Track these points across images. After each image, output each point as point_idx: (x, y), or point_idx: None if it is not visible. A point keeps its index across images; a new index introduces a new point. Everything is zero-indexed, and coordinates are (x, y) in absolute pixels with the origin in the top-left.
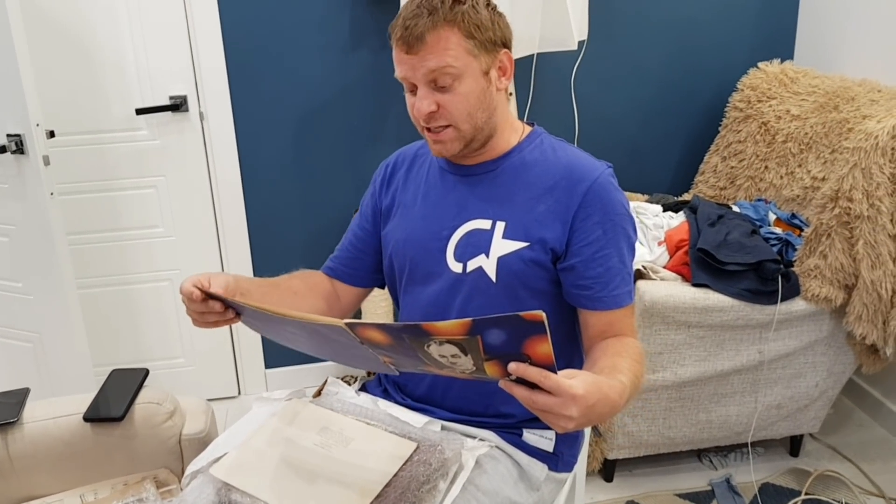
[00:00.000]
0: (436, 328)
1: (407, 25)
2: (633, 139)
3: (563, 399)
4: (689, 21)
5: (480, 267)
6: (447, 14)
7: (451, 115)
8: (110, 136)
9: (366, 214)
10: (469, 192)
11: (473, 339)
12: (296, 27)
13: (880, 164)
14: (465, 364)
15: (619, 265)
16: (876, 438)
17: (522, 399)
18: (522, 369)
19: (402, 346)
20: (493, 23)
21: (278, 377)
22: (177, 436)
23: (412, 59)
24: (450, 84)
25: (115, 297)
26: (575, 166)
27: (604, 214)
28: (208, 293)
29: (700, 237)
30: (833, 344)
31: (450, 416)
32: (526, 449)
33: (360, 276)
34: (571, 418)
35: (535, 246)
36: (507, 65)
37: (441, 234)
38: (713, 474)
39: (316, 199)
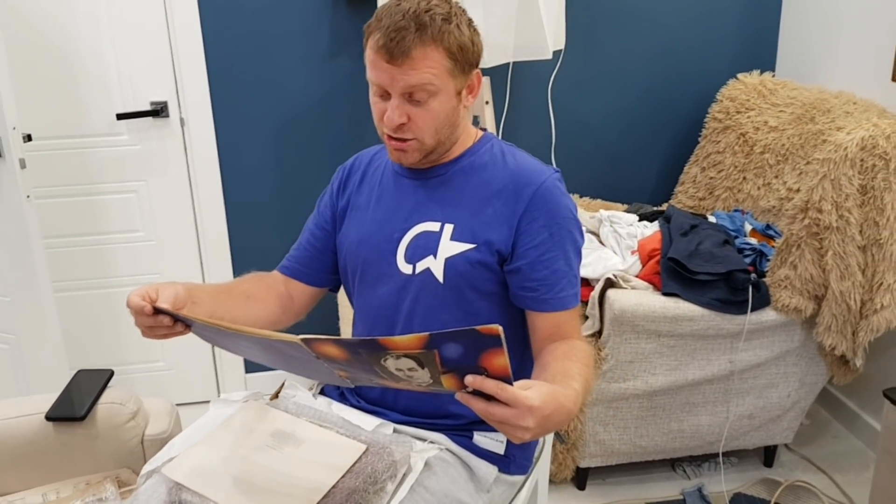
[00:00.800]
0: (393, 342)
1: (392, 37)
2: (613, 149)
3: (520, 410)
4: (669, 31)
5: (428, 268)
6: (436, 33)
7: (419, 130)
8: (92, 140)
9: (324, 215)
10: (420, 195)
11: (430, 353)
12: (276, 34)
13: (849, 175)
14: (421, 377)
15: (566, 268)
16: (851, 450)
17: (479, 411)
18: (479, 382)
19: (358, 360)
20: (474, 43)
21: (259, 381)
22: (139, 436)
23: (392, 69)
24: (425, 100)
25: (96, 301)
26: (522, 171)
27: (550, 218)
28: (156, 307)
29: (672, 246)
30: (805, 354)
31: (402, 418)
32: (476, 451)
33: (317, 275)
34: (528, 429)
35: (482, 247)
36: (475, 84)
37: (392, 236)
38: (686, 484)
39: (296, 204)
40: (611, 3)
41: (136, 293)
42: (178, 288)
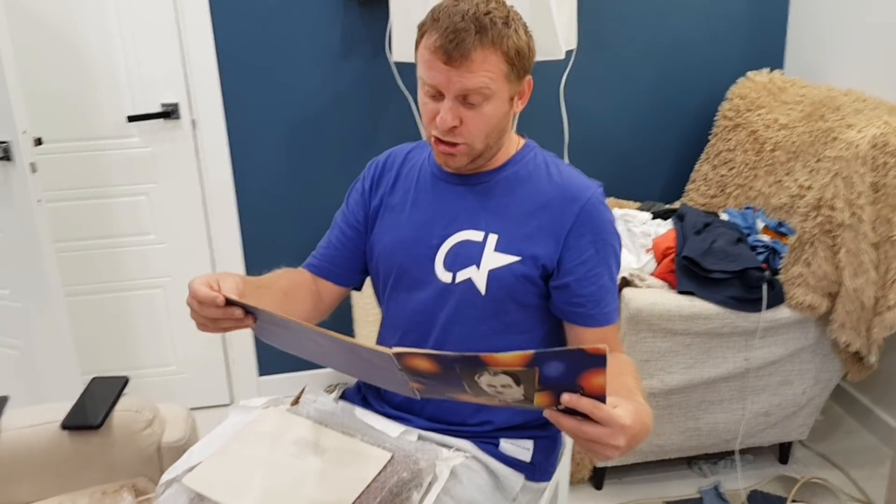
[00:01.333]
0: (495, 359)
1: (451, 38)
2: (624, 148)
3: (613, 429)
4: (678, 30)
5: (470, 279)
6: (496, 37)
7: (470, 134)
8: (102, 143)
9: (355, 213)
10: (461, 202)
11: (531, 371)
12: (288, 35)
13: (861, 172)
14: (514, 394)
15: (610, 283)
16: (865, 446)
17: (570, 429)
18: (576, 400)
19: (448, 375)
20: (530, 49)
21: (271, 384)
22: (156, 444)
23: (450, 71)
24: (479, 103)
25: (107, 305)
26: (569, 185)
27: (595, 234)
28: (229, 299)
29: (685, 245)
30: (819, 351)
31: (427, 424)
32: (502, 458)
33: (347, 274)
34: (618, 448)
35: (527, 261)
36: (526, 91)
37: (431, 242)
38: (702, 482)
39: (309, 207)
40: (621, 4)
41: (201, 282)
42: (237, 280)
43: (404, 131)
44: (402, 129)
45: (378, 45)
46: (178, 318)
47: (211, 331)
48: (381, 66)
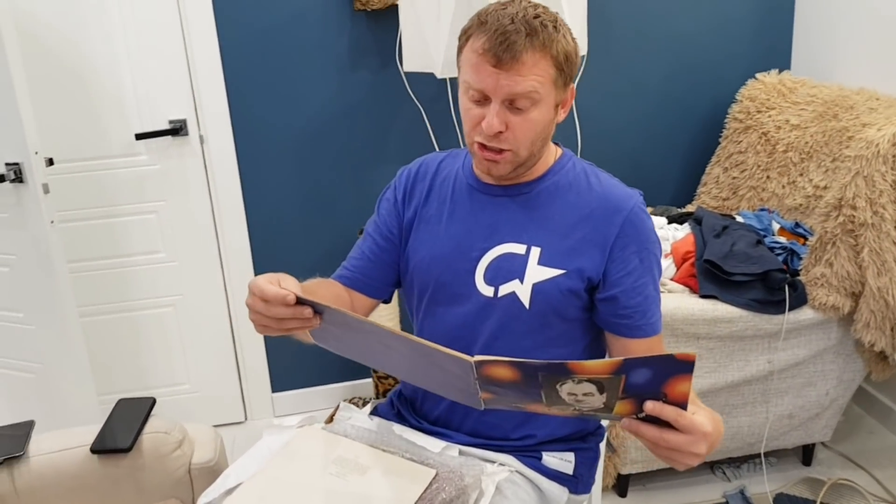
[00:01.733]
0: (581, 367)
1: (501, 40)
2: (635, 153)
3: (695, 437)
4: (686, 34)
5: (514, 292)
6: (546, 40)
7: (516, 140)
8: (110, 161)
9: (388, 223)
10: (501, 214)
11: (617, 378)
12: (295, 48)
13: (882, 171)
14: (594, 402)
15: (654, 293)
16: (887, 445)
17: (652, 437)
18: (659, 408)
19: (528, 383)
20: (576, 55)
21: (285, 401)
22: (186, 465)
23: (499, 73)
24: (527, 108)
25: (118, 325)
26: (611, 194)
27: (640, 244)
28: (300, 298)
29: (706, 248)
30: (842, 352)
31: (467, 440)
32: (545, 472)
33: (380, 287)
34: (699, 455)
35: (572, 274)
36: (569, 99)
37: (470, 255)
38: (727, 486)
39: (319, 222)
40: (628, 9)
41: (267, 280)
42: (295, 280)
43: (416, 143)
44: (414, 140)
45: (387, 57)
46: (191, 336)
47: (273, 332)
48: (391, 77)
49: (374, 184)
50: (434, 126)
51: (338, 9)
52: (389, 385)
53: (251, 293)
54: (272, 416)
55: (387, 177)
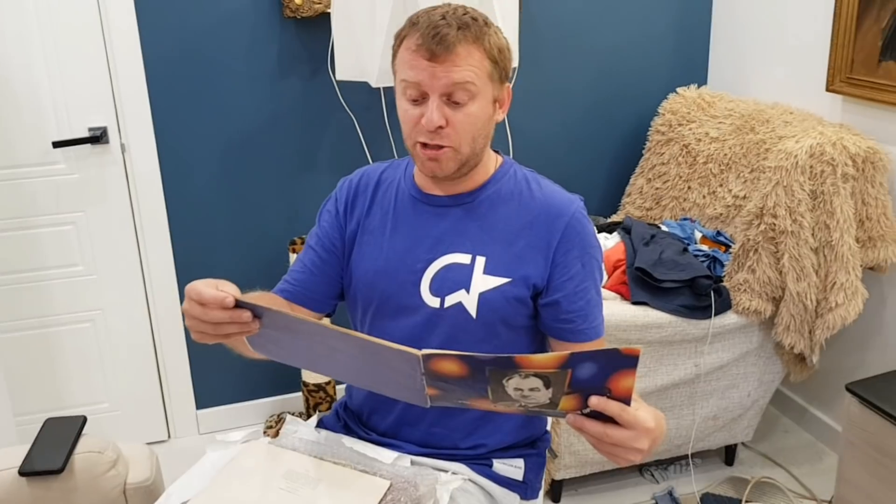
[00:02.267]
0: (528, 361)
1: (434, 34)
2: (562, 162)
3: (638, 432)
4: (608, 50)
5: (460, 302)
6: (478, 33)
7: (457, 135)
8: (25, 170)
9: (330, 236)
10: (444, 225)
11: (563, 373)
12: (222, 54)
13: (800, 181)
14: (539, 398)
15: (596, 297)
16: (802, 443)
17: (595, 433)
18: (603, 403)
19: (475, 379)
20: (510, 52)
21: (211, 418)
22: (121, 486)
23: (434, 67)
24: (465, 102)
25: (33, 341)
26: (552, 200)
27: (581, 249)
28: (239, 301)
29: (636, 256)
30: (763, 354)
31: (417, 450)
32: (497, 479)
33: (323, 300)
34: (641, 451)
35: (518, 282)
36: (505, 99)
37: (415, 266)
38: (655, 488)
39: (247, 233)
40: (554, 23)
41: (206, 284)
42: (234, 286)
43: (348, 152)
44: (346, 150)
45: (318, 65)
46: (110, 353)
47: (210, 339)
48: (322, 85)
49: (304, 194)
50: (366, 135)
51: (267, 15)
52: (320, 398)
53: (188, 297)
54: (197, 433)
55: (317, 187)
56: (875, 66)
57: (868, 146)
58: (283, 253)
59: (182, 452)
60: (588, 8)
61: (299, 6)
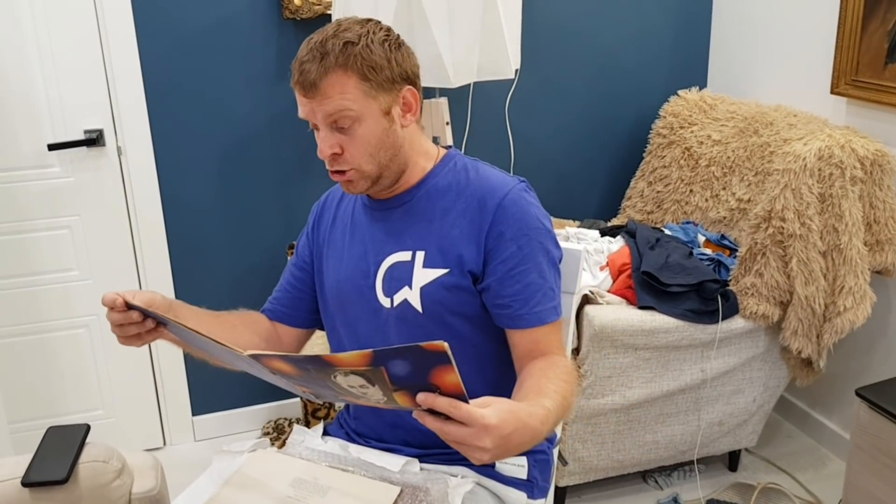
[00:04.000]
0: (336, 359)
1: (302, 69)
2: (561, 166)
3: (476, 430)
4: (608, 51)
5: (406, 299)
6: (338, 58)
7: (353, 158)
8: (20, 174)
9: (302, 255)
10: (388, 226)
11: (377, 370)
12: (220, 56)
13: (809, 184)
14: (374, 394)
15: (539, 280)
16: (805, 448)
17: (435, 430)
18: (431, 400)
19: (309, 376)
20: (390, 60)
21: (207, 424)
22: (126, 496)
23: (310, 102)
24: (349, 126)
25: (28, 347)
26: (485, 185)
27: (517, 230)
28: (129, 303)
29: (642, 260)
30: (769, 359)
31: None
32: (502, 479)
33: (301, 316)
34: (485, 449)
35: (455, 271)
36: (411, 101)
37: (368, 271)
38: (659, 494)
39: (244, 237)
40: (554, 25)
41: (111, 292)
42: (157, 295)
43: None
44: None
45: None
46: (105, 358)
47: (124, 340)
48: None
49: (301, 198)
50: None
51: (266, 16)
52: (318, 405)
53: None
54: (193, 440)
55: (315, 191)
56: (881, 68)
57: (876, 149)
58: (281, 257)
59: (178, 459)
60: (588, 10)
61: (298, 7)
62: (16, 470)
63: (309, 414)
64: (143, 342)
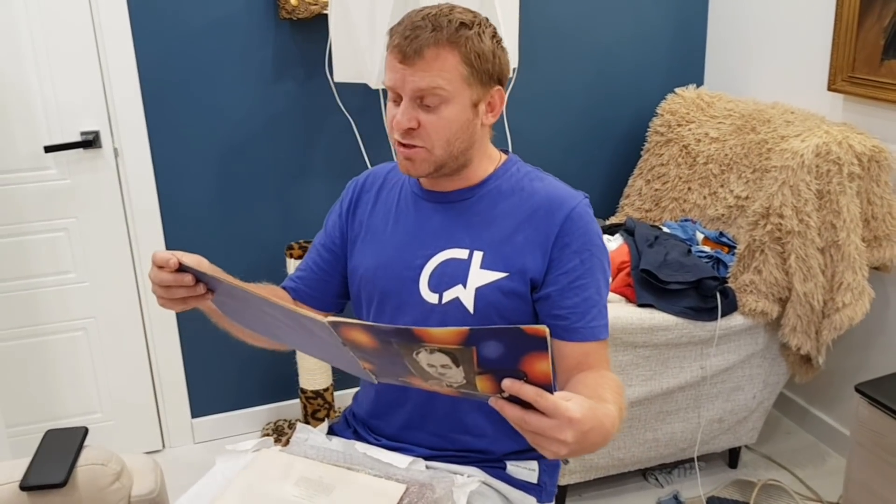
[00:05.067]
0: (429, 334)
1: (407, 35)
2: (560, 165)
3: (559, 421)
4: (605, 50)
5: (457, 298)
6: (451, 35)
7: (429, 137)
8: (15, 176)
9: (332, 235)
10: (444, 220)
11: (468, 350)
12: (217, 57)
13: (807, 181)
14: (454, 376)
15: (596, 296)
16: (804, 445)
17: (514, 419)
18: (517, 387)
19: (387, 350)
20: (495, 55)
21: (206, 426)
22: (126, 499)
23: (405, 69)
24: (436, 105)
25: (25, 350)
26: (553, 195)
27: (581, 244)
28: (182, 264)
29: (641, 258)
30: (768, 356)
31: (428, 452)
32: (512, 482)
33: (326, 299)
34: (565, 443)
35: (515, 276)
36: (497, 102)
37: (414, 262)
38: (660, 492)
39: (241, 238)
40: (552, 25)
41: (163, 250)
42: (204, 260)
43: (345, 155)
44: (343, 152)
45: (313, 67)
46: (103, 361)
47: (168, 303)
48: (318, 87)
49: (300, 198)
50: (364, 138)
51: (262, 17)
52: (318, 405)
53: (151, 261)
54: (192, 443)
55: (314, 191)
56: (877, 64)
57: (873, 145)
58: (280, 258)
59: (177, 462)
60: (584, 9)
61: (295, 7)
62: (14, 474)
63: (309, 415)
64: (187, 307)
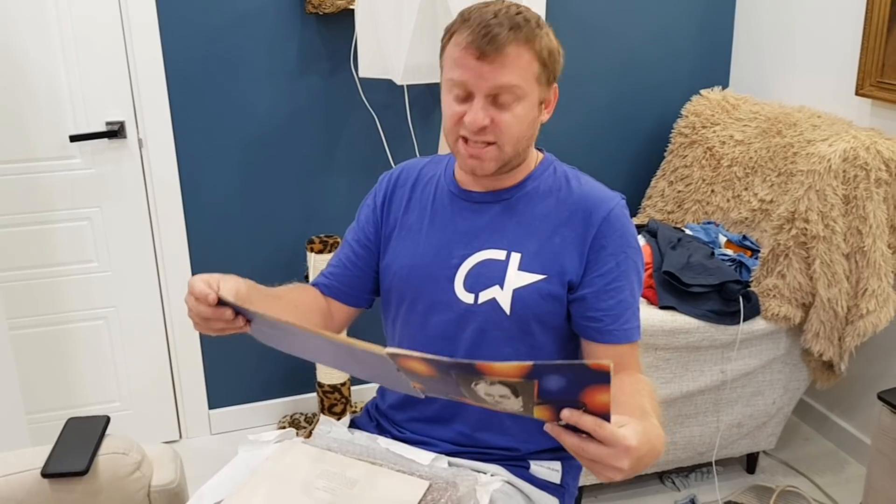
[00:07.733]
0: (491, 369)
1: (485, 33)
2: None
3: (616, 450)
4: (628, 50)
5: (494, 299)
6: (530, 34)
7: (502, 135)
8: (41, 164)
9: (366, 230)
10: (481, 220)
11: (530, 383)
12: (242, 49)
13: (833, 185)
14: (512, 405)
15: (630, 299)
16: (823, 451)
17: (571, 447)
18: (576, 417)
19: (445, 380)
20: (560, 55)
21: (223, 418)
22: (146, 488)
23: (482, 66)
24: (509, 103)
25: (46, 338)
26: (591, 196)
27: (617, 246)
28: (221, 298)
29: (664, 260)
30: (789, 361)
31: (452, 448)
32: (534, 482)
33: (358, 295)
34: (621, 469)
35: (553, 278)
36: (553, 100)
37: (450, 262)
38: (677, 495)
39: (263, 231)
40: (577, 22)
41: (200, 279)
42: (239, 282)
43: (368, 150)
44: (366, 148)
45: (339, 61)
46: (124, 350)
47: (205, 330)
48: (343, 82)
49: (322, 193)
50: (388, 134)
51: (288, 11)
52: (335, 400)
53: (188, 289)
54: (209, 433)
55: (336, 186)
56: None
57: None
58: (300, 251)
59: (194, 453)
60: (610, 7)
61: (321, 2)
62: (35, 461)
63: (326, 409)
64: (223, 335)
